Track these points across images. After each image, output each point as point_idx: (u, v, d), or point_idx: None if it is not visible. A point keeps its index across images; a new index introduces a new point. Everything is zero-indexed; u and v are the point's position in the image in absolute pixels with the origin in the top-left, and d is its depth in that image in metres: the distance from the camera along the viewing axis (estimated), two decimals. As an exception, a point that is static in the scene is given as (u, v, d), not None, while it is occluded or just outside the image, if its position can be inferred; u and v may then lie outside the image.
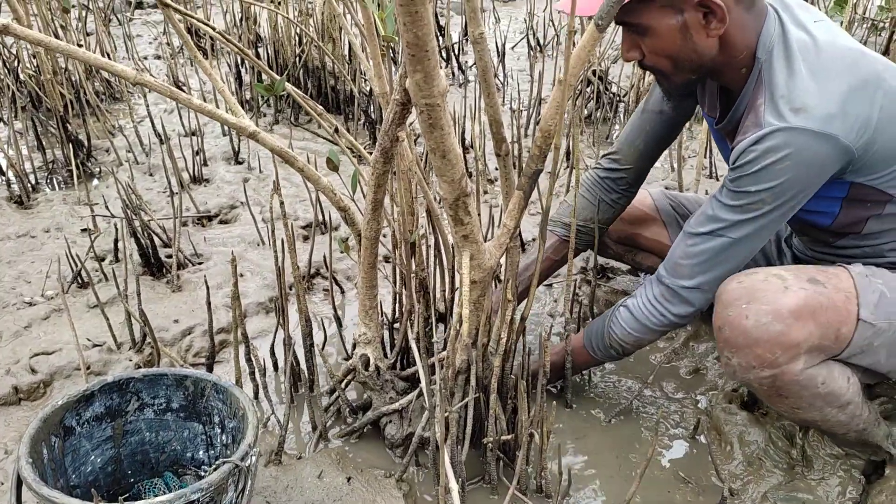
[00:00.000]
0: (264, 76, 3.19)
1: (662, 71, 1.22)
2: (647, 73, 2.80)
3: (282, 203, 1.40)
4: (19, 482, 1.05)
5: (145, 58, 3.83)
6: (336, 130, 1.34)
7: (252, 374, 1.51)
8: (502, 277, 1.26)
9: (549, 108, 1.04)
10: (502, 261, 1.24)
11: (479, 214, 1.22)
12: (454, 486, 0.97)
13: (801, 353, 1.14)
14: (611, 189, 1.57)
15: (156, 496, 0.99)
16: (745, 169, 1.15)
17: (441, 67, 0.91)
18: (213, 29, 1.27)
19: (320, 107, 1.33)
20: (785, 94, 1.13)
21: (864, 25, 3.98)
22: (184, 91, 2.09)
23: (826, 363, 1.19)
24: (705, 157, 2.55)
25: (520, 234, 1.78)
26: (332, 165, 1.26)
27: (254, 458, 1.09)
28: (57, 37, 2.80)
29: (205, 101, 1.52)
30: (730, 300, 1.19)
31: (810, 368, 1.16)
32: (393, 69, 3.23)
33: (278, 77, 1.19)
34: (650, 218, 1.66)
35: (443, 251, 1.53)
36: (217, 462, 1.04)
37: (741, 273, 1.23)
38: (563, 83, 0.99)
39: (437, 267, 1.56)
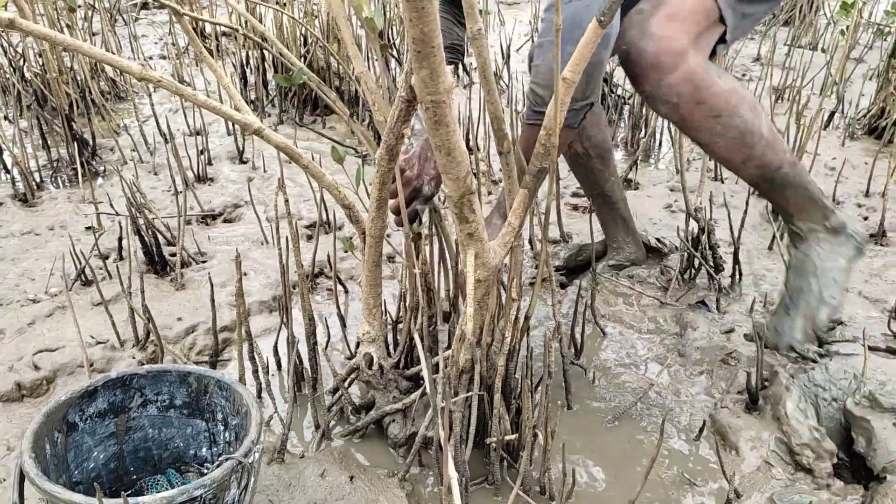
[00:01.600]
0: (269, 75, 3.18)
1: None
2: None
3: (287, 201, 1.40)
4: (22, 477, 1.05)
5: (150, 58, 3.84)
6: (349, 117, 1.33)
7: (255, 372, 1.50)
8: (506, 279, 1.25)
9: (551, 105, 1.04)
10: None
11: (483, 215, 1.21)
12: (457, 485, 0.96)
13: (687, 48, 1.23)
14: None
15: (158, 493, 0.99)
16: None
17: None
18: (236, 26, 1.27)
19: (334, 93, 1.33)
20: None
21: (870, 30, 3.98)
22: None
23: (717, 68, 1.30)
24: (710, 158, 2.54)
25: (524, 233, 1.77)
26: (337, 156, 1.26)
27: (257, 455, 1.08)
28: (63, 36, 2.81)
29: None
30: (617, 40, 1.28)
31: (706, 61, 1.27)
32: (392, 65, 3.23)
33: (300, 63, 1.19)
34: None
35: (445, 249, 1.53)
36: (220, 459, 1.04)
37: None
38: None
39: (441, 265, 1.55)
